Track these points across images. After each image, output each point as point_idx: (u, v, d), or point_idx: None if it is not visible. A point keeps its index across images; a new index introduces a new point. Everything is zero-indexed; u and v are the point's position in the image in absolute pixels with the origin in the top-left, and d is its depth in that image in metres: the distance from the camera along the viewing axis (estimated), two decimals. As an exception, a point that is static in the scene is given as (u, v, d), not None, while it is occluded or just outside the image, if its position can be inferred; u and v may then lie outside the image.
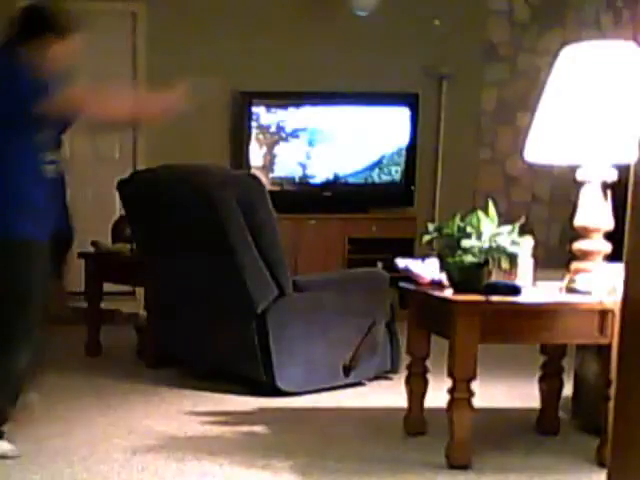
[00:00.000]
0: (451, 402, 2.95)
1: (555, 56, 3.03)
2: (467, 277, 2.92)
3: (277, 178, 6.62)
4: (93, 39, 6.82)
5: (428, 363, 3.36)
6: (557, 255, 5.91)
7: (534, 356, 3.50)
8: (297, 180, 6.69)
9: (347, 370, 4.12)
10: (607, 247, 3.03)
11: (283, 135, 6.65)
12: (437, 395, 3.23)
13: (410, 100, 6.69)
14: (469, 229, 2.92)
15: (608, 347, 2.90)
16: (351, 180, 6.70)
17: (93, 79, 6.93)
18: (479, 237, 2.91)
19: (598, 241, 3.02)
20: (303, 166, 6.68)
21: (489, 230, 2.92)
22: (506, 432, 3.47)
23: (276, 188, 6.45)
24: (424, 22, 6.78)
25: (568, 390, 3.55)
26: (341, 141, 6.68)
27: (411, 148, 6.71)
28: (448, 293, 2.98)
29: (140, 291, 5.52)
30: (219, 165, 5.69)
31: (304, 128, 6.63)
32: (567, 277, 3.04)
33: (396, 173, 6.72)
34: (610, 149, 2.90)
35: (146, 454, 3.13)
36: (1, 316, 3.06)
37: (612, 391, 1.83)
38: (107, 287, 5.06)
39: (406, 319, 3.39)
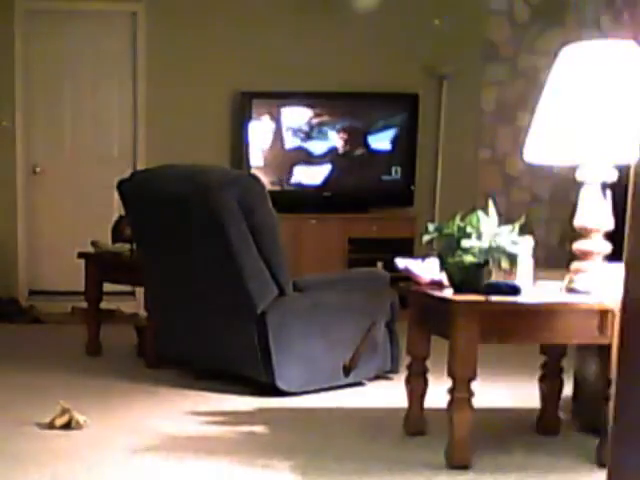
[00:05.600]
0: (451, 402, 2.95)
1: (555, 56, 3.03)
2: (467, 277, 2.92)
3: (277, 178, 6.62)
4: (93, 39, 6.88)
5: (428, 363, 3.36)
6: (557, 255, 5.92)
7: (534, 356, 3.50)
8: (297, 180, 6.69)
9: (347, 370, 4.12)
10: (607, 247, 3.03)
11: (283, 135, 6.65)
12: (437, 395, 3.23)
13: (410, 100, 6.69)
14: (469, 229, 2.92)
15: (608, 347, 2.90)
16: (351, 180, 6.70)
17: (93, 79, 6.98)
18: (479, 237, 2.91)
19: (598, 241, 3.02)
20: (303, 166, 6.68)
21: (489, 230, 2.92)
22: (506, 432, 3.47)
23: (276, 188, 6.45)
24: (424, 22, 6.78)
25: (568, 390, 3.55)
26: (341, 141, 6.68)
27: (411, 148, 6.71)
28: (448, 293, 2.98)
29: (140, 291, 5.53)
30: (219, 165, 5.69)
31: (304, 128, 6.63)
32: (567, 277, 3.04)
33: (396, 173, 6.72)
34: (610, 149, 2.90)
35: (146, 454, 3.13)
36: None
37: (612, 391, 1.83)
38: (107, 287, 5.06)
39: (406, 319, 3.39)
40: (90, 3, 6.79)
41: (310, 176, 6.68)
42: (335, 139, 6.67)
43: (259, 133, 6.63)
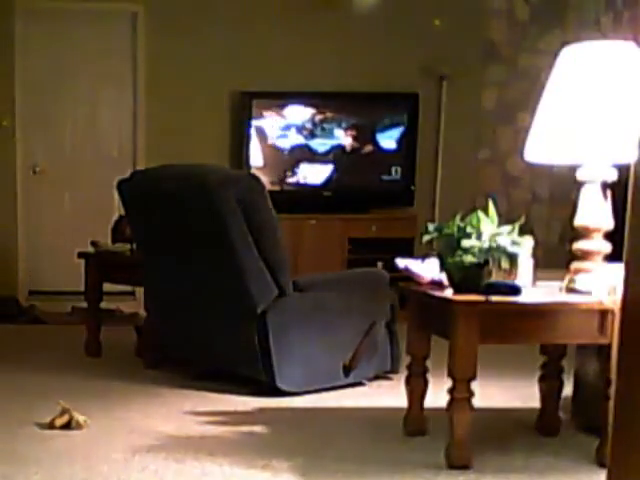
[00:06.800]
0: (451, 402, 2.95)
1: (555, 56, 3.03)
2: (467, 277, 2.92)
3: (277, 178, 6.62)
4: (93, 39, 6.88)
5: (428, 363, 3.36)
6: (557, 255, 5.92)
7: (534, 356, 3.50)
8: (297, 180, 6.69)
9: (347, 370, 4.12)
10: (607, 247, 3.03)
11: (283, 135, 6.65)
12: (437, 395, 3.23)
13: (410, 100, 6.70)
14: (469, 229, 2.92)
15: (608, 347, 2.90)
16: (351, 180, 6.70)
17: (93, 79, 6.98)
18: (479, 237, 2.91)
19: (598, 241, 3.02)
20: (303, 166, 6.68)
21: (489, 230, 2.92)
22: (506, 432, 3.47)
23: (276, 188, 6.45)
24: (424, 22, 6.79)
25: (568, 390, 3.55)
26: (341, 141, 6.68)
27: (411, 148, 6.71)
28: (448, 293, 2.98)
29: (140, 291, 5.53)
30: (219, 165, 5.69)
31: (304, 128, 6.64)
32: (567, 277, 3.04)
33: (396, 173, 6.73)
34: (610, 149, 2.90)
35: (146, 454, 3.13)
36: None
37: (612, 391, 1.83)
38: (107, 287, 5.06)
39: (406, 319, 3.39)
40: (90, 3, 6.79)
41: (310, 176, 6.68)
42: (335, 139, 6.66)
43: (259, 133, 6.63)
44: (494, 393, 4.00)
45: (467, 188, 6.89)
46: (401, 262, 3.25)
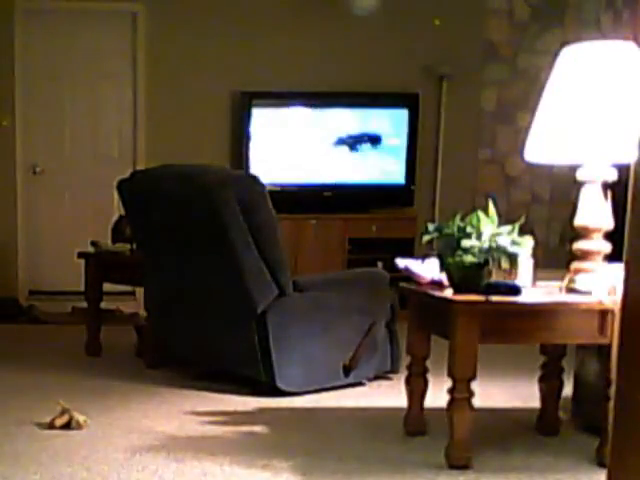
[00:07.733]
0: (451, 402, 2.95)
1: (555, 56, 3.03)
2: (467, 277, 2.92)
3: (277, 178, 6.62)
4: (93, 39, 6.88)
5: (428, 363, 3.36)
6: (557, 255, 5.92)
7: (534, 356, 3.50)
8: (297, 180, 6.69)
9: (347, 370, 4.12)
10: (607, 247, 3.03)
11: (283, 135, 6.65)
12: (437, 395, 3.23)
13: (410, 100, 6.70)
14: (469, 229, 2.92)
15: (608, 347, 2.90)
16: (351, 180, 6.70)
17: (93, 79, 6.98)
18: (479, 237, 2.91)
19: (598, 241, 3.02)
20: (303, 166, 6.68)
21: (489, 230, 2.92)
22: (506, 432, 3.47)
23: (276, 188, 6.45)
24: (424, 22, 6.79)
25: (568, 390, 3.55)
26: (341, 141, 6.68)
27: (411, 148, 6.71)
28: (448, 293, 2.98)
29: (140, 291, 5.53)
30: (219, 165, 5.69)
31: (304, 128, 6.63)
32: (567, 277, 3.04)
33: (396, 173, 6.72)
34: (610, 149, 2.90)
35: (146, 454, 3.13)
36: None
37: (612, 391, 1.83)
38: (107, 287, 5.06)
39: (406, 319, 3.39)
40: (90, 3, 6.79)
41: (310, 176, 6.68)
42: (335, 139, 6.66)
43: (259, 133, 6.63)
44: (494, 393, 4.00)
45: (467, 188, 6.89)
46: (401, 262, 3.25)
